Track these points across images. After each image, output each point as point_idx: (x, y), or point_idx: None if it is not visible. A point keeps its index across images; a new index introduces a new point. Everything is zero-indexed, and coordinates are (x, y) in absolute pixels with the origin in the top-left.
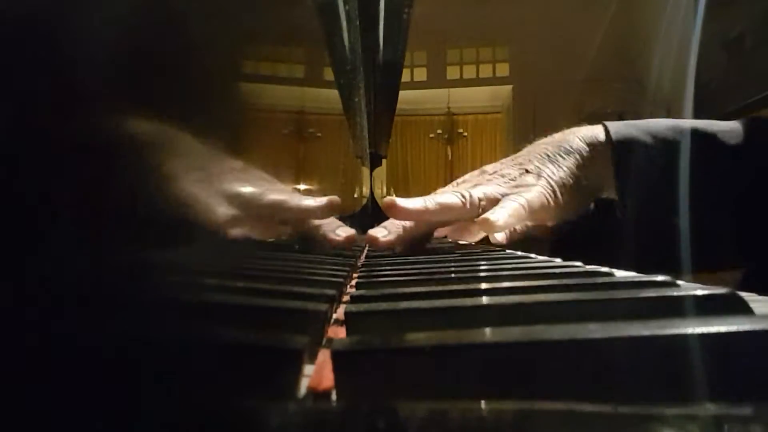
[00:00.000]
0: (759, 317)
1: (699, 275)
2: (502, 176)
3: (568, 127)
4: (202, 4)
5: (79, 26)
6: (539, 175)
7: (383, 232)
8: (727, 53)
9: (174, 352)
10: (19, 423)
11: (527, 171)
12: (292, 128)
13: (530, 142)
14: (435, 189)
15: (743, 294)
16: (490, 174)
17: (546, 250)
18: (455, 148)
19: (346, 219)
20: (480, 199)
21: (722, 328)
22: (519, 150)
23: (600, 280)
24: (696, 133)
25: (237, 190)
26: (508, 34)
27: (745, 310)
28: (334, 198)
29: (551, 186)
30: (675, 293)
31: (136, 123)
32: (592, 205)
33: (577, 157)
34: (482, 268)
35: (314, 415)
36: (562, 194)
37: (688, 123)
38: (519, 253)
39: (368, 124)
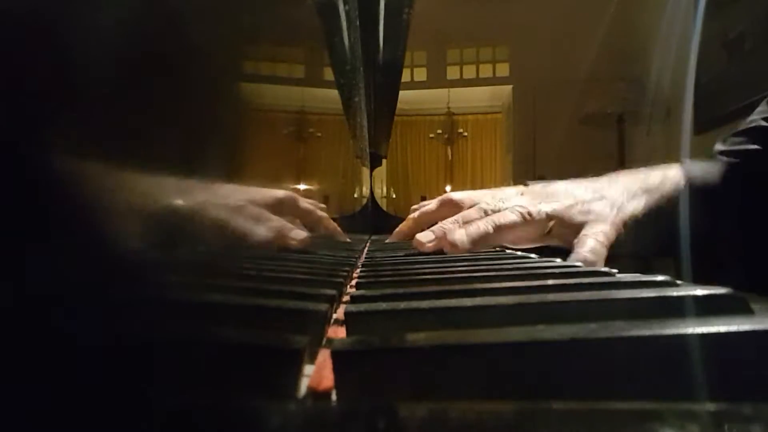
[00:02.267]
0: (759, 317)
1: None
2: (574, 197)
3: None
4: (202, 4)
5: (77, 26)
6: (612, 204)
7: (430, 237)
8: (727, 53)
9: (174, 351)
10: (19, 423)
11: (602, 198)
12: (292, 128)
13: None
14: (435, 189)
15: (743, 294)
16: (561, 190)
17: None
18: (455, 148)
19: (346, 219)
20: (548, 215)
21: (722, 328)
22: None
23: (600, 280)
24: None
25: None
26: (508, 34)
27: (745, 310)
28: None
29: (623, 220)
30: (675, 293)
31: (135, 123)
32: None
33: (657, 196)
34: (482, 268)
35: (314, 415)
36: (630, 228)
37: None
38: (519, 253)
39: (368, 124)
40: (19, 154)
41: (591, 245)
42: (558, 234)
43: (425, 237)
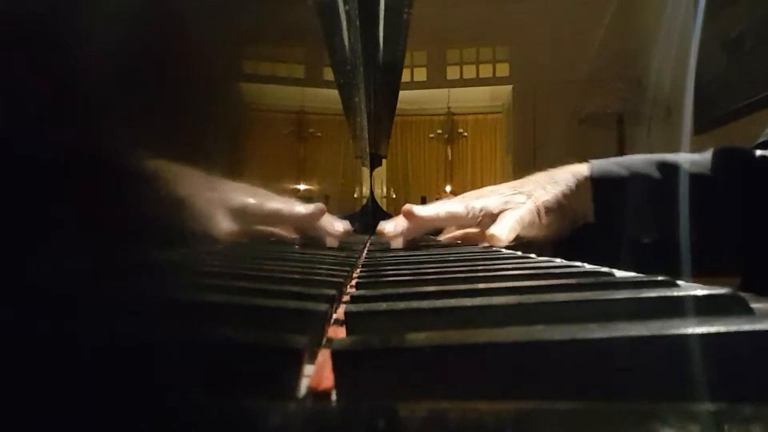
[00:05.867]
0: (759, 317)
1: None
2: (499, 194)
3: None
4: (202, 4)
5: (78, 26)
6: (529, 196)
7: (391, 227)
8: (727, 53)
9: (175, 351)
10: (19, 423)
11: (520, 193)
12: (292, 128)
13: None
14: (435, 189)
15: (743, 294)
16: (489, 192)
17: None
18: (455, 148)
19: (346, 219)
20: (480, 210)
21: (722, 328)
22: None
23: (600, 280)
24: (664, 165)
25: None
26: (508, 34)
27: (745, 310)
28: (320, 205)
29: (537, 206)
30: (675, 293)
31: (136, 123)
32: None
33: (563, 187)
34: (482, 268)
35: (314, 415)
36: (546, 215)
37: (660, 156)
38: (519, 253)
39: (368, 124)
40: (20, 154)
41: (501, 226)
42: (485, 224)
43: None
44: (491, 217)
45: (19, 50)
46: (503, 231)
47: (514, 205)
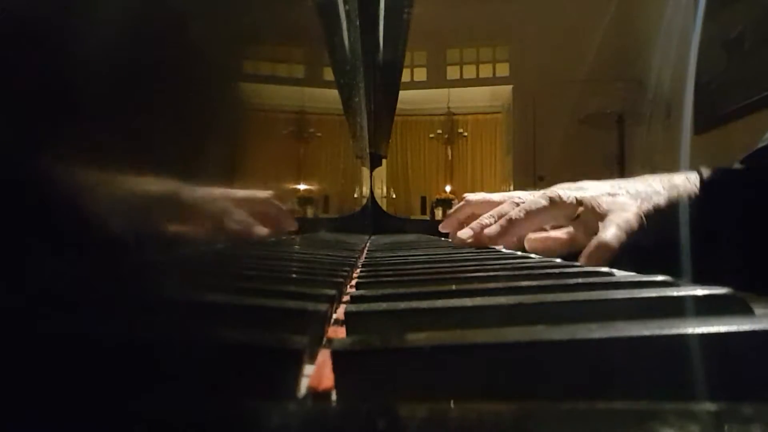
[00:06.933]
0: (759, 317)
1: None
2: (601, 190)
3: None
4: (202, 4)
5: (77, 26)
6: (636, 197)
7: (468, 233)
8: (727, 53)
9: (175, 352)
10: (19, 423)
11: (627, 191)
12: (292, 128)
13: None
14: (435, 189)
15: (743, 294)
16: (589, 185)
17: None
18: (455, 148)
19: (346, 219)
20: (578, 200)
21: (722, 328)
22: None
23: (600, 279)
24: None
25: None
26: (508, 34)
27: (745, 310)
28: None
29: (646, 209)
30: (675, 293)
31: (134, 124)
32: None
33: (679, 191)
34: (482, 268)
35: (314, 415)
36: (651, 220)
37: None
38: (519, 253)
39: (368, 124)
40: (20, 155)
41: (613, 231)
42: (585, 220)
43: (465, 234)
44: (594, 213)
45: (18, 50)
46: (613, 238)
47: (620, 205)
